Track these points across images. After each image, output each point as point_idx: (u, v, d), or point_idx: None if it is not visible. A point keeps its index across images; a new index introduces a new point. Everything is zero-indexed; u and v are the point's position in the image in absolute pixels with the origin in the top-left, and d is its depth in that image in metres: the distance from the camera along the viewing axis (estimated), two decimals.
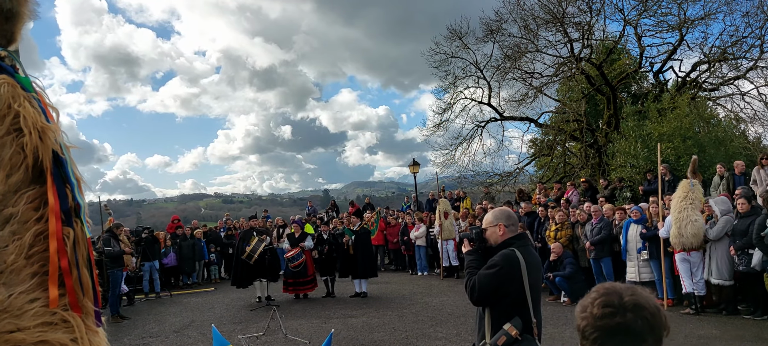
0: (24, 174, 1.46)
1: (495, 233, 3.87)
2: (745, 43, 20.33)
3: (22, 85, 1.51)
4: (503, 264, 3.67)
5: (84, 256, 1.51)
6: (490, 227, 3.90)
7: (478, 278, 3.72)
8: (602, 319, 1.57)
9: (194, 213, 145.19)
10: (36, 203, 1.47)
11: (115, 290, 12.31)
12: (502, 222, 3.87)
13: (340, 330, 9.79)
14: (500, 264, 3.67)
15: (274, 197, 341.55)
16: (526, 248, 3.78)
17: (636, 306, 1.57)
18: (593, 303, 1.61)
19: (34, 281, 1.44)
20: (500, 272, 3.66)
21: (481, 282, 3.69)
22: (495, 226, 3.88)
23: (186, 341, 9.95)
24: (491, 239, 3.90)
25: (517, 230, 3.91)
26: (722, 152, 16.27)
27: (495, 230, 3.87)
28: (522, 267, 3.65)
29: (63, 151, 1.53)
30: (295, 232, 13.66)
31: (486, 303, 3.76)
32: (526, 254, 3.74)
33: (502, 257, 3.70)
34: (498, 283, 3.65)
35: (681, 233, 9.74)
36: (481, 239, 3.95)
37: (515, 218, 4.00)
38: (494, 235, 3.88)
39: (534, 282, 3.71)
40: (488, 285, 3.66)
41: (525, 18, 22.93)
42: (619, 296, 1.60)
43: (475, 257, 3.91)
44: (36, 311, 1.42)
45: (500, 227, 3.86)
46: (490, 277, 3.67)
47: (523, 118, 25.44)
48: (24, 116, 1.45)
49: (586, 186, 16.37)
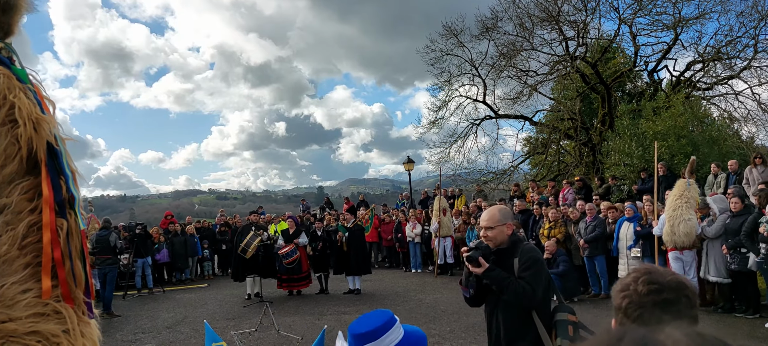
0: (18, 165, 1.46)
1: (502, 233, 3.73)
2: (739, 43, 20.43)
3: (18, 76, 1.51)
4: (538, 257, 3.66)
5: (77, 247, 1.51)
6: (498, 227, 3.73)
7: (529, 281, 3.53)
8: (648, 295, 1.60)
9: (188, 209, 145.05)
10: (30, 194, 1.47)
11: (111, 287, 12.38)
12: (510, 221, 3.80)
13: (334, 327, 9.79)
14: (539, 257, 3.67)
15: (269, 194, 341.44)
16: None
17: (679, 285, 1.63)
18: (637, 281, 1.64)
19: (26, 271, 1.44)
20: (544, 268, 3.64)
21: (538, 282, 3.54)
22: (503, 225, 3.74)
23: (178, 337, 9.94)
24: (498, 238, 3.74)
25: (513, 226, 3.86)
26: (716, 151, 16.35)
27: (503, 229, 3.74)
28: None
29: (58, 143, 1.53)
30: (290, 228, 13.65)
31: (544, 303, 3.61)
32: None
33: (534, 252, 3.69)
34: (547, 274, 3.65)
35: (673, 231, 9.79)
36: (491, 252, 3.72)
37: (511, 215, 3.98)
38: (501, 235, 3.73)
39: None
40: (542, 283, 3.56)
41: (520, 16, 22.97)
42: (662, 275, 1.66)
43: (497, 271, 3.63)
44: (28, 301, 1.42)
45: (508, 226, 3.76)
46: (542, 272, 3.60)
47: (517, 116, 25.48)
48: (19, 107, 1.45)
49: (580, 185, 16.41)
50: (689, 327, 0.68)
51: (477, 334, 8.90)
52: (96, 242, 12.13)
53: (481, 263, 3.65)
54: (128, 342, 9.74)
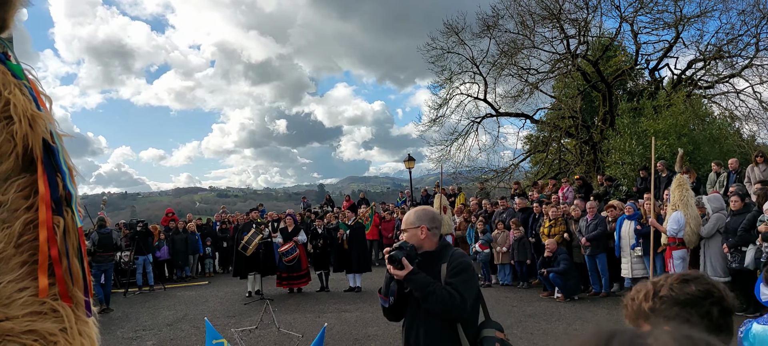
0: (14, 162, 1.44)
1: (415, 236, 3.33)
2: (741, 42, 20.45)
3: (14, 72, 1.49)
4: (469, 263, 3.28)
5: (74, 245, 1.50)
6: (410, 229, 3.37)
7: (457, 289, 3.10)
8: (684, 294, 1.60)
9: (189, 207, 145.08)
10: (26, 192, 1.46)
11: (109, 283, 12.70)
12: (426, 224, 3.35)
13: (334, 324, 9.79)
14: (470, 264, 3.28)
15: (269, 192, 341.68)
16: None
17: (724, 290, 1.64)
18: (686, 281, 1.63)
19: (23, 270, 1.42)
20: (474, 275, 3.25)
21: (465, 291, 3.11)
22: (416, 228, 3.34)
23: (179, 334, 9.94)
24: (411, 242, 3.34)
25: (439, 233, 3.41)
26: (717, 150, 16.34)
27: (416, 232, 3.34)
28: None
29: (54, 140, 1.51)
30: (288, 226, 13.65)
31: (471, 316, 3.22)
32: None
33: (466, 257, 3.31)
34: (476, 284, 3.26)
35: (694, 231, 9.82)
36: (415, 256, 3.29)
37: (439, 220, 3.49)
38: (414, 238, 3.33)
39: None
40: (472, 291, 3.16)
41: (521, 14, 22.95)
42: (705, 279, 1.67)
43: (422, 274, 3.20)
44: (25, 300, 1.41)
45: (422, 229, 3.33)
46: (471, 281, 3.19)
47: (518, 114, 25.48)
48: (14, 104, 1.43)
49: (580, 183, 16.40)
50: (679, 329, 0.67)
51: None
52: (99, 241, 12.39)
53: (405, 265, 3.21)
54: (129, 339, 9.74)
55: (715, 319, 1.56)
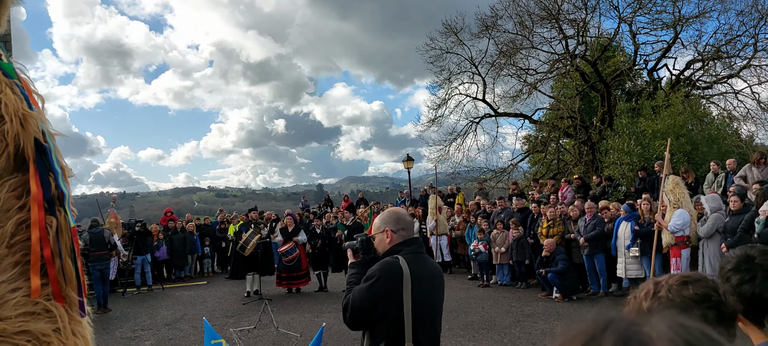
0: (6, 162, 1.43)
1: (382, 241, 3.19)
2: (739, 42, 20.45)
3: (5, 71, 1.48)
4: (380, 275, 2.95)
5: (67, 245, 1.49)
6: (377, 234, 3.23)
7: (352, 294, 3.02)
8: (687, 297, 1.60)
9: (188, 207, 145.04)
10: (18, 192, 1.45)
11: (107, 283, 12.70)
12: (390, 227, 3.16)
13: (333, 324, 9.78)
14: (377, 275, 2.96)
15: (268, 192, 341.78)
16: (415, 256, 3.07)
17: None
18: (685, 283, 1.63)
19: (15, 270, 1.41)
20: (376, 285, 2.93)
21: (355, 299, 2.98)
22: (382, 232, 3.19)
23: (178, 334, 9.93)
24: (379, 248, 3.22)
25: (409, 234, 3.20)
26: (715, 150, 16.34)
27: (382, 237, 3.19)
28: (404, 279, 2.91)
29: (46, 139, 1.50)
30: (288, 226, 13.64)
31: (363, 326, 3.05)
32: (415, 263, 3.02)
33: (381, 266, 2.99)
34: (374, 299, 2.93)
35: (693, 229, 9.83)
36: (369, 249, 3.27)
37: (408, 220, 3.29)
38: (381, 243, 3.20)
39: (423, 298, 2.97)
40: (362, 302, 2.95)
41: (520, 14, 22.96)
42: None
43: (357, 270, 3.20)
44: (17, 300, 1.40)
45: (387, 232, 3.16)
46: (365, 292, 2.95)
47: (517, 114, 25.47)
48: (5, 103, 1.42)
49: (579, 183, 16.40)
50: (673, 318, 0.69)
51: (476, 332, 8.89)
52: (90, 240, 12.35)
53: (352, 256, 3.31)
54: (127, 339, 9.73)
55: (712, 323, 1.55)
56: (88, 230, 12.71)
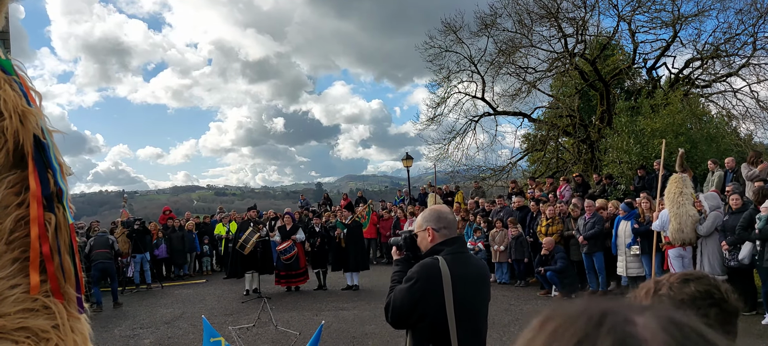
0: (5, 159, 1.44)
1: (424, 240, 3.16)
2: (738, 41, 20.47)
3: (3, 67, 1.48)
4: (418, 277, 2.93)
5: (66, 242, 1.49)
6: (419, 233, 3.19)
7: (393, 294, 3.02)
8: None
9: (187, 205, 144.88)
10: (17, 188, 1.45)
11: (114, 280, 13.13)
12: (431, 225, 3.13)
13: (332, 323, 9.80)
14: (415, 277, 2.94)
15: (267, 190, 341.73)
16: (456, 257, 3.02)
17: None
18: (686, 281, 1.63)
19: (14, 266, 1.41)
20: (414, 287, 2.92)
21: (396, 299, 2.98)
22: (424, 230, 3.15)
23: (176, 332, 9.94)
24: (421, 246, 3.18)
25: (451, 233, 3.16)
26: (714, 149, 16.35)
27: (424, 235, 3.16)
28: (444, 281, 2.88)
29: (45, 136, 1.50)
30: (287, 224, 13.64)
31: (404, 326, 3.05)
32: (456, 263, 2.96)
33: (420, 268, 2.97)
34: (414, 301, 2.91)
35: (682, 228, 9.78)
36: (412, 246, 3.21)
37: (450, 218, 3.23)
38: (424, 241, 3.17)
39: (466, 300, 2.92)
40: (402, 304, 2.95)
41: (519, 13, 22.95)
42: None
43: (401, 268, 3.16)
44: (16, 297, 1.40)
45: (429, 231, 3.13)
46: (405, 293, 2.95)
47: (516, 113, 25.47)
48: (4, 100, 1.42)
49: (579, 181, 16.41)
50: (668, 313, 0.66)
51: None
52: (95, 242, 12.83)
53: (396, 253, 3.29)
54: (126, 337, 9.74)
55: (714, 321, 1.55)
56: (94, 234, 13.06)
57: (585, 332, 0.64)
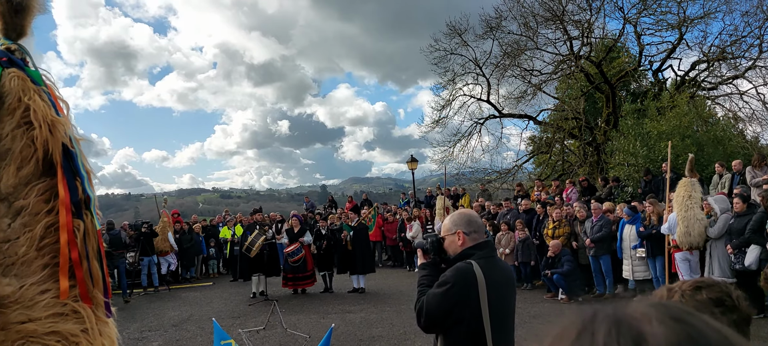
0: (34, 167, 1.47)
1: (454, 243, 3.12)
2: (744, 43, 20.39)
3: (32, 78, 1.52)
4: (454, 282, 2.90)
5: (94, 248, 1.53)
6: (448, 236, 3.15)
7: (426, 298, 2.98)
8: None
9: (192, 208, 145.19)
10: (46, 196, 1.49)
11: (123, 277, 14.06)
12: (462, 229, 3.10)
13: (339, 325, 9.81)
14: (451, 281, 2.91)
15: (272, 193, 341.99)
16: (488, 261, 3.01)
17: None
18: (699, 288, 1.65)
19: (45, 272, 1.45)
20: (450, 292, 2.89)
21: (429, 304, 2.95)
22: (453, 234, 3.12)
23: (184, 335, 9.97)
24: (449, 250, 3.15)
25: (480, 237, 3.14)
26: (720, 151, 16.31)
27: (453, 239, 3.11)
28: (479, 285, 2.87)
29: (73, 144, 1.54)
30: (294, 227, 13.67)
31: (437, 330, 3.02)
32: (488, 268, 2.96)
33: (455, 273, 2.94)
34: (449, 306, 2.90)
35: (689, 232, 9.75)
36: (439, 250, 3.19)
37: (479, 222, 3.23)
38: (453, 245, 3.13)
39: (499, 304, 2.94)
40: (437, 308, 2.92)
41: (525, 15, 22.92)
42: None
43: (429, 271, 3.16)
44: (47, 302, 1.44)
45: (459, 235, 3.09)
46: (439, 298, 2.92)
47: (521, 115, 25.43)
48: (34, 110, 1.46)
49: (585, 184, 16.39)
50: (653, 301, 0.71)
51: None
52: (110, 241, 13.42)
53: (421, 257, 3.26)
54: (135, 340, 9.78)
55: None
56: (106, 231, 13.24)
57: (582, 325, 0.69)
